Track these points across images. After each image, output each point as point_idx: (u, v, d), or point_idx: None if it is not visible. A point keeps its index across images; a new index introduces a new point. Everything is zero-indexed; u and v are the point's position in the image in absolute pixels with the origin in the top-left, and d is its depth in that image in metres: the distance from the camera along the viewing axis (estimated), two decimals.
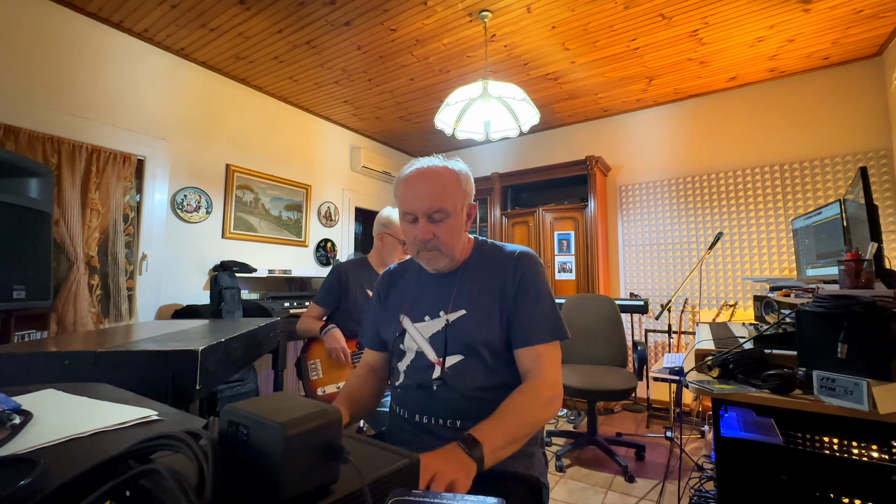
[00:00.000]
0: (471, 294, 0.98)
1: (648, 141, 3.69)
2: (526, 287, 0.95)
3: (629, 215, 3.74)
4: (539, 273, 0.98)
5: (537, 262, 1.01)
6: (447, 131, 2.51)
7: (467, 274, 1.01)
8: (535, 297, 0.95)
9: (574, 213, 3.62)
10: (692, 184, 3.46)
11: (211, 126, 3.07)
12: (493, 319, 0.94)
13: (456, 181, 0.96)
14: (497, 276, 0.98)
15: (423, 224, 0.94)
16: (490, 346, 0.93)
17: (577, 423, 3.03)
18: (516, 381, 0.91)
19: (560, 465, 2.31)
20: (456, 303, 0.98)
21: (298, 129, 3.72)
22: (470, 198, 1.00)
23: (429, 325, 0.98)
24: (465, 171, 1.00)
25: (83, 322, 2.32)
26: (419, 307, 1.02)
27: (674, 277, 3.47)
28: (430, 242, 0.95)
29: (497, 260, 1.01)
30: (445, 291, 1.00)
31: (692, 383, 1.29)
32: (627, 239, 3.73)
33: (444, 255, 0.97)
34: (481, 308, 0.95)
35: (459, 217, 0.97)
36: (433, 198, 0.93)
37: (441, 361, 0.94)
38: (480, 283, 0.98)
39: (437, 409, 0.92)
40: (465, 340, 0.93)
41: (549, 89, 3.37)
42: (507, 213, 3.98)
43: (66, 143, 2.35)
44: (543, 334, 0.92)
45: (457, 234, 0.97)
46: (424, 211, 0.93)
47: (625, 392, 2.25)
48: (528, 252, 1.01)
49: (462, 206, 0.98)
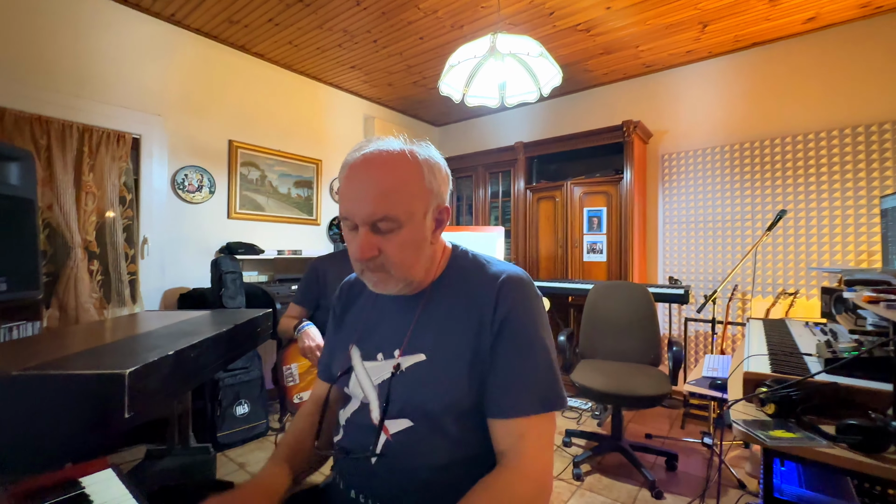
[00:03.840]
0: (436, 331, 0.72)
1: (699, 101, 3.17)
2: (511, 330, 0.68)
3: (672, 189, 3.28)
4: (531, 309, 0.70)
5: (530, 294, 0.72)
6: (455, 97, 2.19)
7: (435, 300, 0.74)
8: (524, 347, 0.68)
9: (607, 187, 3.21)
10: (750, 151, 2.94)
11: (210, 99, 2.89)
12: (460, 371, 0.68)
13: (416, 175, 0.68)
14: (473, 308, 0.71)
15: (365, 235, 0.67)
16: (453, 410, 0.67)
17: (602, 419, 2.77)
18: (492, 454, 0.66)
19: (577, 474, 2.08)
20: (413, 342, 0.72)
21: (306, 99, 3.49)
22: (441, 198, 0.72)
23: (380, 368, 0.74)
24: (434, 159, 0.72)
25: (85, 308, 2.28)
26: (373, 339, 0.78)
27: (722, 261, 3.03)
28: (374, 261, 0.68)
29: (476, 284, 0.73)
30: (405, 322, 0.75)
31: (739, 425, 0.99)
32: (669, 216, 3.29)
33: (394, 278, 0.70)
34: (446, 353, 0.69)
35: (420, 227, 0.69)
36: (378, 200, 0.66)
37: (384, 426, 0.69)
38: (450, 316, 0.72)
39: (378, 489, 0.69)
40: (418, 400, 0.68)
41: (580, 43, 2.91)
42: (531, 188, 3.62)
43: (56, 123, 2.25)
44: (530, 403, 0.65)
45: (414, 250, 0.70)
46: (365, 218, 0.66)
47: (655, 399, 1.96)
48: (517, 276, 0.72)
49: (426, 212, 0.70)
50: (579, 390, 2.09)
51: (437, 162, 0.72)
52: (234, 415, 2.39)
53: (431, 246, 0.73)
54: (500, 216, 3.89)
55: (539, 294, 0.74)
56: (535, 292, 0.73)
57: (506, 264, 0.77)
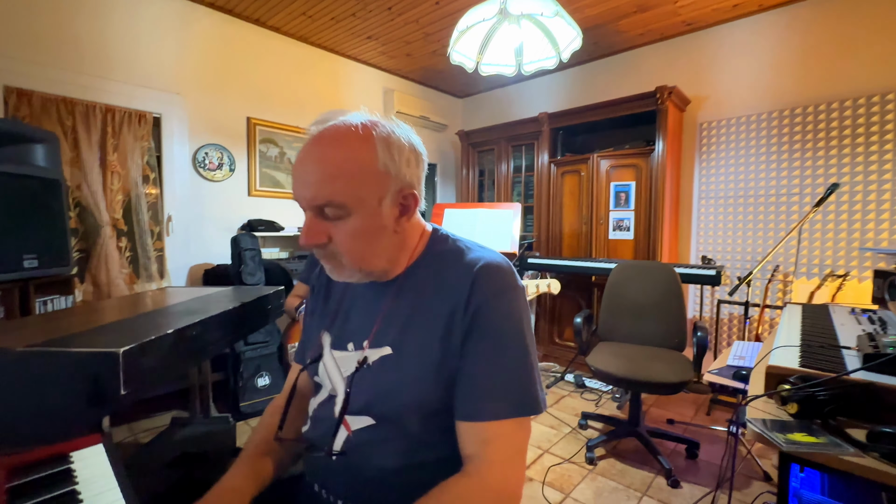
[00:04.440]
0: (404, 323, 0.66)
1: (745, 62, 2.86)
2: (483, 325, 0.61)
3: (710, 160, 3.02)
4: (508, 303, 0.63)
5: (508, 284, 0.64)
6: (467, 66, 2.07)
7: (406, 290, 0.68)
8: (497, 344, 0.61)
9: (636, 160, 3.00)
10: (802, 117, 2.64)
11: (228, 76, 2.89)
12: (426, 369, 0.62)
13: (367, 156, 0.60)
14: (445, 299, 0.64)
15: (310, 221, 0.62)
16: (419, 410, 0.62)
17: (622, 402, 2.69)
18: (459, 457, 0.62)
19: (591, 457, 2.03)
20: (381, 334, 0.67)
21: (323, 73, 3.43)
22: (403, 181, 0.63)
23: (349, 359, 0.69)
24: (397, 137, 0.63)
25: (115, 283, 2.40)
26: (345, 326, 0.73)
27: (763, 239, 2.80)
28: (325, 249, 0.63)
29: (450, 273, 0.66)
30: (375, 311, 0.70)
31: (753, 424, 0.90)
32: (705, 190, 3.05)
33: (347, 268, 0.65)
34: (414, 348, 0.64)
35: (374, 214, 0.62)
36: (320, 184, 0.59)
37: (345, 421, 0.66)
38: (420, 308, 0.66)
39: (339, 486, 0.66)
40: (380, 397, 0.64)
41: (611, 0, 2.67)
42: (555, 161, 3.44)
43: (80, 105, 2.31)
44: (500, 406, 0.59)
45: (367, 240, 0.63)
46: (308, 202, 0.61)
47: (676, 386, 1.86)
48: (494, 265, 0.65)
49: (381, 197, 0.62)
50: (595, 373, 2.02)
51: (399, 140, 0.63)
52: (255, 386, 2.48)
53: (396, 235, 0.66)
54: (524, 192, 3.75)
55: (519, 285, 0.66)
56: (513, 283, 0.65)
57: (487, 251, 0.69)
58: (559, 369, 3.30)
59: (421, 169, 0.67)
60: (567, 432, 2.33)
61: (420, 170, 0.67)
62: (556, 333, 3.50)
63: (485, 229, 2.30)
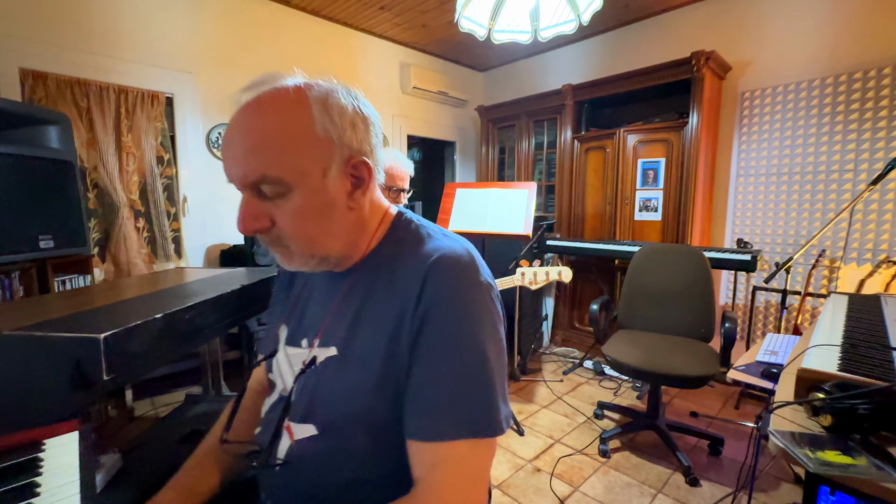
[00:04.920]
0: (352, 321, 0.58)
1: (796, 20, 2.54)
2: (435, 328, 0.52)
3: (751, 133, 2.75)
4: (466, 302, 0.54)
5: (467, 281, 0.55)
6: (478, 34, 1.92)
7: (361, 281, 0.60)
8: (450, 351, 0.52)
9: (667, 134, 2.77)
10: (862, 83, 2.34)
11: (239, 54, 2.84)
12: (371, 375, 0.54)
13: (302, 120, 0.51)
14: (396, 296, 0.56)
15: (247, 202, 0.54)
16: (364, 421, 0.55)
17: (642, 392, 2.57)
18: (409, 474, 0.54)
19: (604, 450, 1.94)
20: (330, 331, 0.60)
21: (337, 48, 3.33)
22: (351, 149, 0.54)
23: (301, 357, 0.63)
24: (336, 98, 0.54)
25: (134, 263, 2.46)
26: (302, 320, 0.66)
27: (808, 221, 2.54)
28: (268, 234, 0.55)
29: (405, 265, 0.57)
30: (327, 304, 0.63)
31: (776, 437, 0.78)
32: (744, 167, 2.79)
33: (297, 254, 0.57)
34: (360, 351, 0.56)
35: (320, 189, 0.53)
36: (249, 156, 0.51)
37: (289, 427, 0.59)
38: (369, 304, 0.58)
39: (283, 497, 0.60)
40: (323, 404, 0.57)
41: None
42: (579, 137, 3.24)
43: (94, 86, 2.32)
44: (450, 425, 0.50)
45: (315, 219, 0.54)
46: (240, 180, 0.53)
47: (698, 380, 1.72)
48: (452, 257, 0.55)
49: (325, 168, 0.53)
50: (611, 363, 1.91)
51: (339, 101, 0.54)
52: None
53: (352, 212, 0.57)
54: (545, 170, 3.57)
55: (482, 281, 0.56)
56: (473, 279, 0.55)
57: (449, 240, 0.60)
58: (578, 355, 3.19)
59: (371, 134, 0.58)
60: (581, 422, 2.25)
61: (370, 135, 0.57)
62: (576, 318, 3.38)
63: (497, 210, 2.18)
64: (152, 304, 1.28)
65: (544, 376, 2.83)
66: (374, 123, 0.58)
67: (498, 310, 0.57)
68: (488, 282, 0.57)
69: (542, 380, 2.78)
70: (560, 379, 2.80)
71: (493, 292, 0.57)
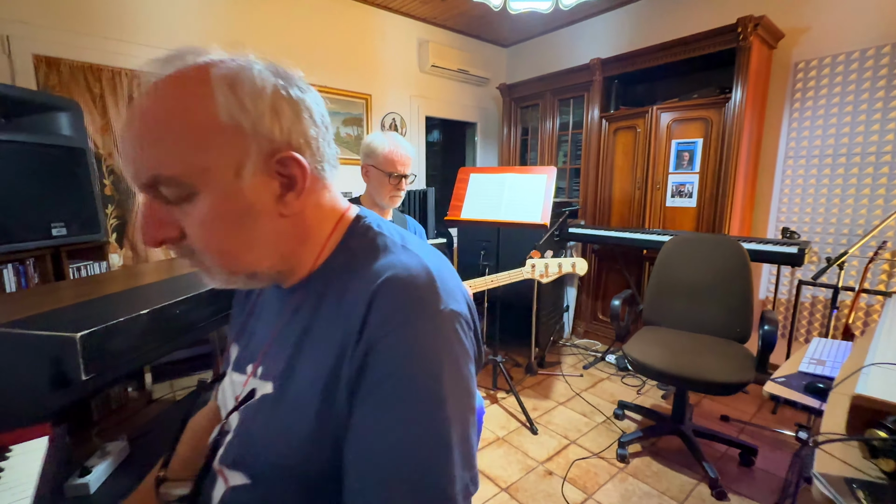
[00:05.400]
0: (293, 352, 0.48)
1: None
2: (376, 374, 0.41)
3: (804, 110, 2.45)
4: (414, 339, 0.42)
5: (420, 312, 0.43)
6: (493, 3, 1.75)
7: (309, 302, 0.50)
8: (394, 405, 0.40)
9: (706, 112, 2.52)
10: None
11: (249, 34, 2.77)
12: (304, 422, 0.44)
13: (204, 106, 0.41)
14: (338, 324, 0.45)
15: (147, 207, 0.43)
16: (300, 477, 0.45)
17: (668, 392, 2.41)
18: None
19: (623, 455, 1.83)
20: (269, 360, 0.51)
21: (352, 26, 3.19)
22: (273, 140, 0.44)
23: (241, 385, 0.54)
24: (252, 74, 0.44)
25: (152, 250, 2.48)
26: (251, 341, 0.57)
27: (868, 209, 2.26)
28: (178, 247, 0.45)
29: (353, 285, 0.46)
30: (272, 324, 0.54)
31: (821, 482, 0.65)
32: (794, 147, 2.50)
33: (216, 271, 0.46)
34: (295, 390, 0.47)
35: (235, 193, 0.43)
36: (140, 152, 0.41)
37: (221, 471, 0.51)
38: (314, 333, 0.48)
39: None
40: (252, 452, 0.48)
41: None
42: (608, 116, 3.01)
43: (106, 71, 2.31)
44: (390, 499, 0.39)
45: (232, 229, 0.44)
46: (133, 179, 0.43)
47: (730, 387, 1.56)
48: (405, 278, 0.44)
49: (239, 165, 0.42)
50: (633, 364, 1.77)
51: (254, 80, 0.43)
52: None
53: (285, 219, 0.47)
54: (570, 152, 3.36)
55: (445, 310, 0.44)
56: (431, 307, 0.43)
57: (409, 254, 0.48)
58: (600, 348, 3.04)
59: (305, 122, 0.46)
60: (600, 422, 2.13)
61: (303, 123, 0.46)
62: (600, 309, 3.21)
63: (512, 197, 2.04)
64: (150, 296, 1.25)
65: (563, 370, 2.71)
66: (308, 109, 0.47)
67: (465, 345, 0.45)
68: (452, 310, 0.45)
69: (560, 374, 2.66)
70: (580, 374, 2.67)
71: (458, 322, 0.45)
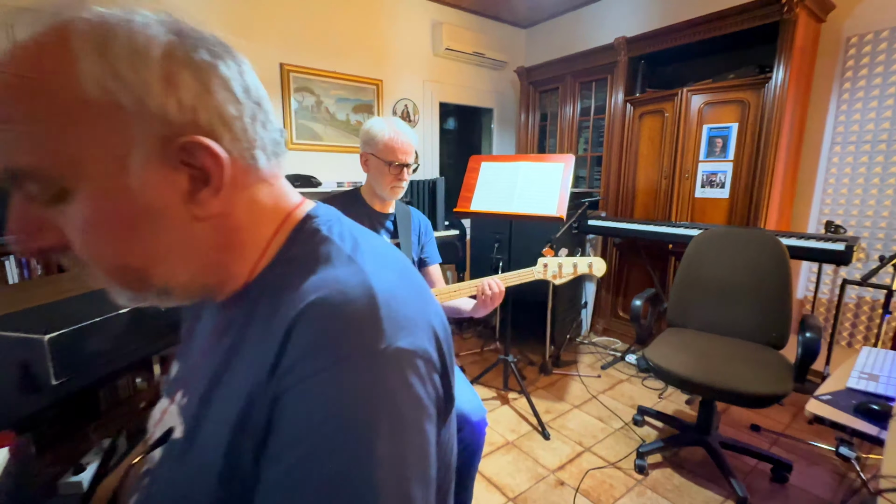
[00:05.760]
0: (209, 387, 0.39)
1: None
2: (285, 431, 0.31)
3: (855, 91, 2.21)
4: (339, 388, 0.31)
5: (348, 350, 0.32)
6: None
7: (238, 321, 0.40)
8: (303, 473, 0.30)
9: (743, 94, 2.30)
10: None
11: (257, 18, 2.67)
12: (209, 480, 0.35)
13: (64, 78, 0.30)
14: (258, 357, 0.35)
15: (16, 206, 0.34)
16: None
17: (694, 398, 2.25)
18: None
19: (641, 465, 1.70)
20: (189, 391, 0.42)
21: (364, 8, 3.07)
22: (173, 119, 0.32)
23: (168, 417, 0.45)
24: (133, 28, 0.31)
25: None
26: (186, 363, 0.49)
27: None
28: (67, 255, 0.35)
29: (278, 308, 0.36)
30: (201, 345, 0.46)
31: None
32: (844, 133, 2.26)
33: (115, 287, 0.37)
34: (206, 439, 0.37)
35: (122, 192, 0.32)
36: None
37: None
38: (239, 362, 0.38)
39: None
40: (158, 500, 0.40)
41: None
42: (633, 100, 2.80)
43: None
44: None
45: (123, 237, 0.34)
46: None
47: (763, 399, 1.41)
48: (333, 303, 0.33)
49: (124, 155, 0.32)
50: (654, 370, 1.63)
51: (133, 40, 0.31)
52: None
53: (202, 223, 0.36)
54: (591, 138, 3.17)
55: (388, 348, 0.33)
56: (366, 344, 0.32)
57: (353, 268, 0.37)
58: (620, 347, 2.89)
59: (218, 96, 0.34)
60: (617, 428, 2.00)
61: (215, 97, 0.34)
62: (621, 306, 3.05)
63: (526, 187, 1.90)
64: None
65: (579, 370, 2.58)
66: (222, 78, 0.35)
67: (419, 396, 0.34)
68: (399, 349, 0.34)
69: (576, 374, 2.53)
70: (597, 374, 2.53)
71: (410, 366, 0.34)
